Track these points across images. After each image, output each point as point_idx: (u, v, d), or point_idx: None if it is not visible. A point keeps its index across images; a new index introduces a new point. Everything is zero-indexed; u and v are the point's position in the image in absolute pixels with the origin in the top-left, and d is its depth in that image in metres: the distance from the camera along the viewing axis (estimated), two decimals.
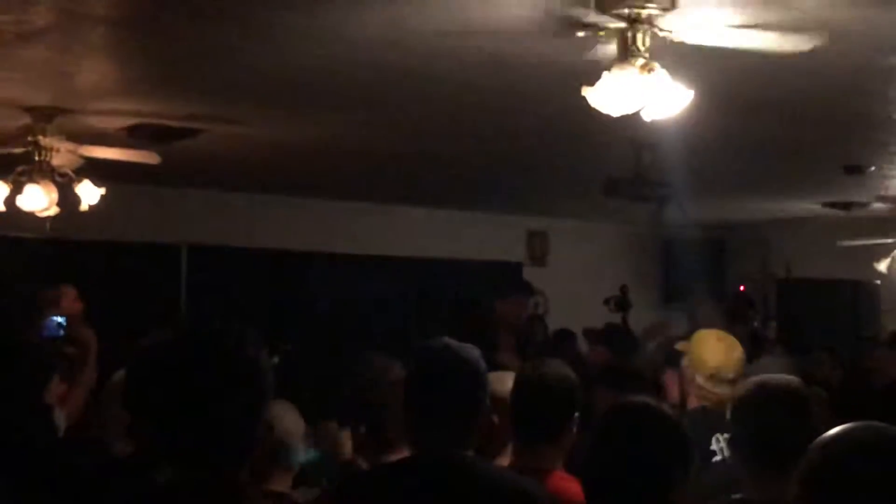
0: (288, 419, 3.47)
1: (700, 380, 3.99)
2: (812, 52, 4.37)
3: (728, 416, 3.05)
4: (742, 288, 11.33)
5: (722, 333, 4.21)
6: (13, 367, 3.96)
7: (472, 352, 2.86)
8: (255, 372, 2.14)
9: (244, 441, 2.12)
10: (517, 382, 3.41)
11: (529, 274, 11.68)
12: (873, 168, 7.74)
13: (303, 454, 3.57)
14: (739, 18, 3.84)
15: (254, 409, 2.13)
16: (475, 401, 2.80)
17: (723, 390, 3.89)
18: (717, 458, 3.91)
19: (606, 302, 9.76)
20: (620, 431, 2.64)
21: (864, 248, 9.50)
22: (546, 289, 11.67)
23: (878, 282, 10.47)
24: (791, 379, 3.07)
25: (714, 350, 4.03)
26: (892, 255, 9.49)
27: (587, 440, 2.74)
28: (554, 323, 11.07)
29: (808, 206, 9.99)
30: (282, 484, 3.42)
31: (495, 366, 3.72)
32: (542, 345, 7.77)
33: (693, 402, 4.06)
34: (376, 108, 6.10)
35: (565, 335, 7.90)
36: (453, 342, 2.88)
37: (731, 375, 3.92)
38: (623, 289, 9.94)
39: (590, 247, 12.00)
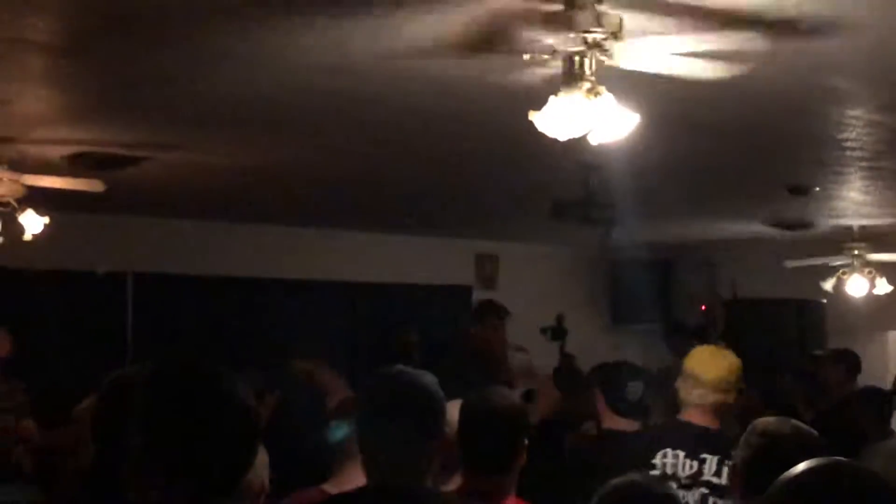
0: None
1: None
2: (755, 75, 4.41)
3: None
4: (703, 307, 11.37)
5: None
6: None
7: (427, 378, 2.83)
8: (244, 413, 2.10)
9: (231, 478, 2.08)
10: (463, 412, 3.38)
11: (479, 297, 11.70)
12: (817, 188, 7.81)
13: None
14: (683, 46, 3.87)
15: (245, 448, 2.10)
16: (430, 429, 2.76)
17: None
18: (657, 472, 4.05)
19: (543, 332, 9.67)
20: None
21: (810, 268, 9.59)
22: None
23: (824, 301, 10.58)
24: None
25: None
26: (838, 274, 9.60)
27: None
28: None
29: (754, 227, 10.08)
30: None
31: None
32: None
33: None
34: (321, 133, 6.07)
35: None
36: (408, 369, 2.85)
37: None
38: (559, 317, 9.85)
39: (539, 269, 12.03)
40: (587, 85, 3.63)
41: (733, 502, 3.26)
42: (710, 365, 4.33)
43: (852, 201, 8.44)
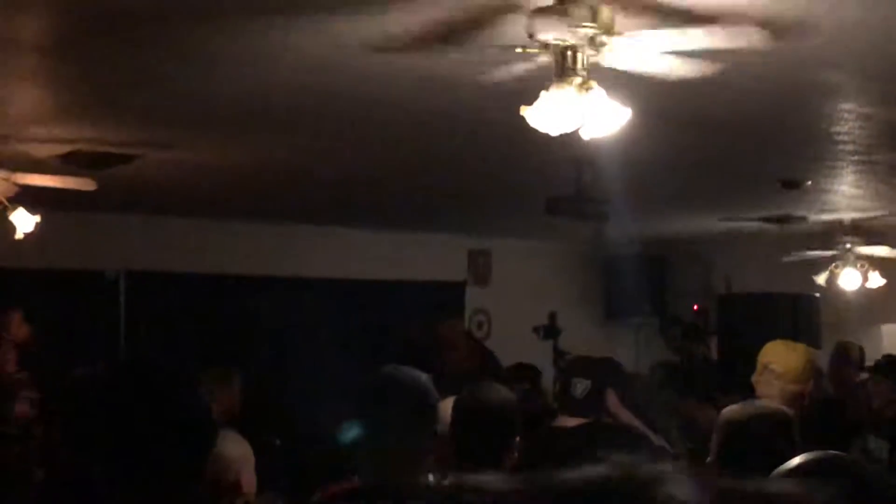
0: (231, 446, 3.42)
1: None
2: (746, 70, 4.42)
3: None
4: (696, 307, 11.36)
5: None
6: None
7: (420, 376, 2.83)
8: (191, 411, 2.11)
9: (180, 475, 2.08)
10: (456, 408, 3.39)
11: (472, 294, 11.71)
12: (810, 182, 7.82)
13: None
14: (674, 42, 3.87)
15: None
16: (423, 425, 2.77)
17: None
18: None
19: (536, 330, 9.64)
20: None
21: (804, 262, 9.60)
22: (489, 308, 11.70)
23: (818, 294, 10.58)
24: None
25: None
26: (831, 268, 9.60)
27: None
28: (497, 340, 11.13)
29: (747, 222, 10.08)
30: None
31: None
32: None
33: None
34: (311, 130, 6.07)
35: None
36: (402, 368, 2.85)
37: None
38: (551, 315, 9.83)
39: (532, 265, 12.02)
40: (579, 80, 3.62)
41: None
42: (785, 357, 4.50)
43: (844, 195, 8.45)
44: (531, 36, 3.54)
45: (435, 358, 6.92)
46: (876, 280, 9.71)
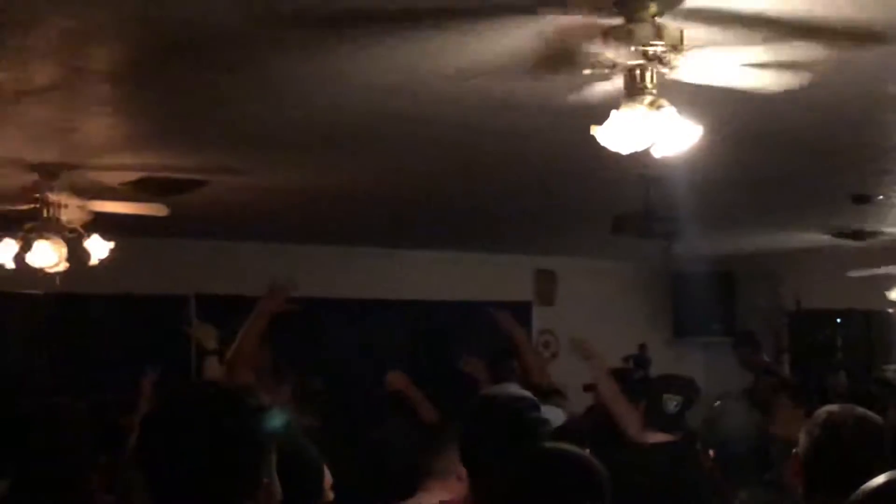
0: None
1: None
2: (817, 84, 4.37)
3: None
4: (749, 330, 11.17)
5: None
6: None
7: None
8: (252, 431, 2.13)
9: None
10: None
11: (538, 313, 11.69)
12: (881, 197, 7.71)
13: None
14: (744, 57, 3.84)
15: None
16: None
17: None
18: None
19: (626, 360, 9.59)
20: None
21: (875, 278, 9.47)
22: (555, 328, 11.67)
23: (891, 310, 10.43)
24: None
25: None
26: None
27: None
28: (564, 363, 11.07)
29: (817, 237, 9.96)
30: None
31: None
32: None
33: None
34: (380, 153, 6.10)
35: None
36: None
37: None
38: (642, 346, 9.81)
39: (598, 284, 11.99)
40: (649, 98, 3.61)
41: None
42: None
43: None
44: (599, 57, 3.54)
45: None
46: None
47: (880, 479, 1.90)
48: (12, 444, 3.68)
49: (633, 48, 3.52)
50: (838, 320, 10.76)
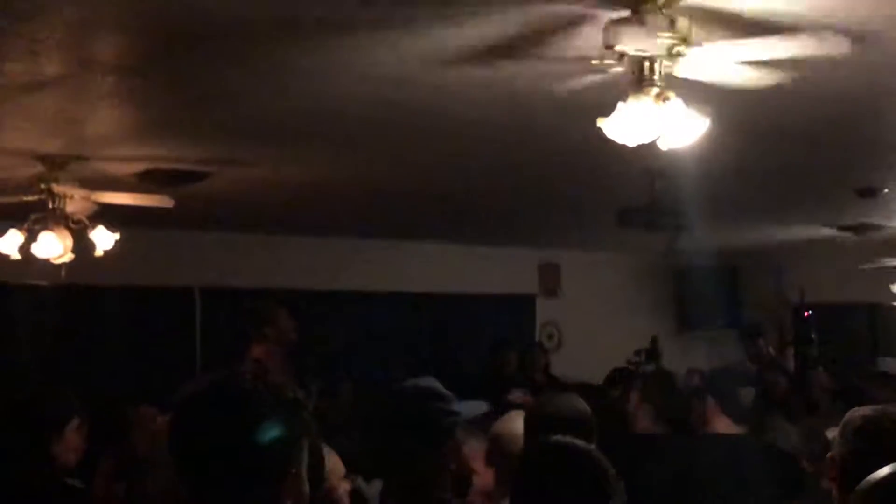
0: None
1: None
2: (823, 79, 4.37)
3: None
4: (807, 314, 10.92)
5: None
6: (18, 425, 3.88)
7: None
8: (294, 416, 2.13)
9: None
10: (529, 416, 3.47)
11: (542, 305, 11.69)
12: (886, 191, 7.71)
13: None
14: (751, 51, 3.84)
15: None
16: None
17: None
18: None
19: (637, 353, 9.60)
20: None
21: (880, 272, 9.46)
22: (559, 320, 11.68)
23: (895, 304, 10.43)
24: None
25: None
26: None
27: None
28: (568, 354, 11.10)
29: (822, 231, 9.96)
30: None
31: None
32: None
33: None
34: (386, 145, 6.10)
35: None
36: None
37: None
38: (654, 339, 9.80)
39: (603, 277, 11.98)
40: (656, 90, 3.61)
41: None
42: None
43: None
44: (608, 47, 3.52)
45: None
46: None
47: (885, 471, 1.91)
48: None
49: (641, 40, 3.51)
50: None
